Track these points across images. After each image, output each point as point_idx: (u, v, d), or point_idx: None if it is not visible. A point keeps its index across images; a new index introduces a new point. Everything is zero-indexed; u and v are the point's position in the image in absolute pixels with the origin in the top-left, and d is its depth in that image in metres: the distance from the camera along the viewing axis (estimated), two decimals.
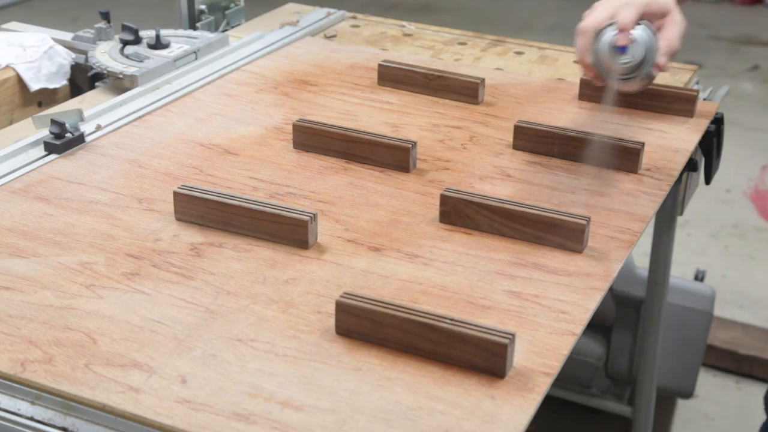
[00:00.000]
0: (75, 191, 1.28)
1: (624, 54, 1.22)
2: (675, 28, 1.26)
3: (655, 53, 1.24)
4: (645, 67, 1.24)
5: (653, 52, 1.24)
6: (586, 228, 1.16)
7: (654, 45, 1.24)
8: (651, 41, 1.24)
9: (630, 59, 1.23)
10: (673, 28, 1.26)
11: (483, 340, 0.95)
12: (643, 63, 1.24)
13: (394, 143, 1.35)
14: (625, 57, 1.22)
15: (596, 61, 1.25)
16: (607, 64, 1.24)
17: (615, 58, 1.23)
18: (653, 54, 1.24)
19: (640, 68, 1.24)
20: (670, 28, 1.25)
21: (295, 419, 0.89)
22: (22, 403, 0.93)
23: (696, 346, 2.15)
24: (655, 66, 1.25)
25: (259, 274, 1.11)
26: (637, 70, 1.25)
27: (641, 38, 1.23)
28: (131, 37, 1.71)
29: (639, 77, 1.26)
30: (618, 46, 1.22)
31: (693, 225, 3.18)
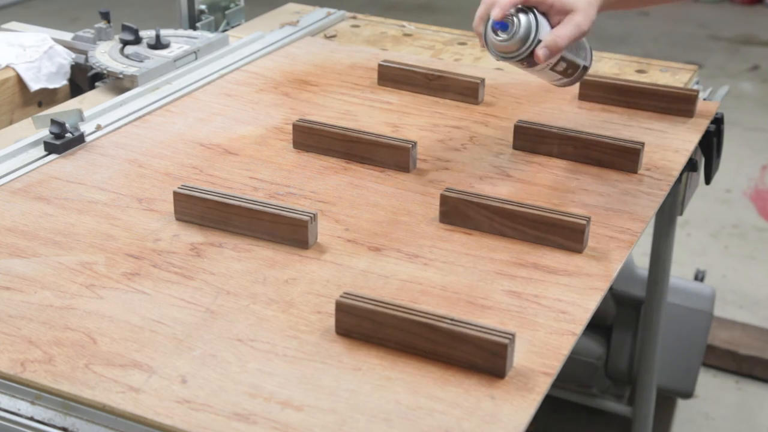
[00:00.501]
0: (75, 191, 1.28)
1: (501, 32, 1.22)
2: (569, 28, 1.23)
3: (534, 42, 1.22)
4: (521, 51, 1.22)
5: (532, 38, 1.21)
6: (586, 228, 1.16)
7: (534, 32, 1.22)
8: (530, 27, 1.22)
9: (504, 39, 1.22)
10: (567, 26, 1.23)
11: (483, 340, 0.95)
12: (520, 46, 1.22)
13: (394, 143, 1.35)
14: (502, 35, 1.22)
15: (484, 33, 1.25)
16: (489, 37, 1.24)
17: (493, 34, 1.23)
18: (531, 41, 1.22)
19: (516, 51, 1.22)
20: (565, 26, 1.23)
21: (295, 419, 0.89)
22: (22, 403, 0.93)
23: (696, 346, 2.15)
24: (534, 55, 1.22)
25: (259, 274, 1.11)
26: (514, 52, 1.23)
27: (524, 23, 1.22)
28: (131, 37, 1.71)
29: (514, 59, 1.24)
30: (495, 21, 1.21)
31: (693, 225, 3.18)
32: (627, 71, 1.75)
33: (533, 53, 1.22)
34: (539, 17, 1.22)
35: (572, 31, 1.23)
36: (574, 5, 1.23)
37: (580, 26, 1.23)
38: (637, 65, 1.77)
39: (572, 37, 1.23)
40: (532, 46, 1.22)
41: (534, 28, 1.22)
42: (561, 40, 1.22)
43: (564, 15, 1.23)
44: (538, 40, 1.22)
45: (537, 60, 1.22)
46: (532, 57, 1.22)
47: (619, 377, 2.17)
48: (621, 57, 1.82)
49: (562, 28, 1.22)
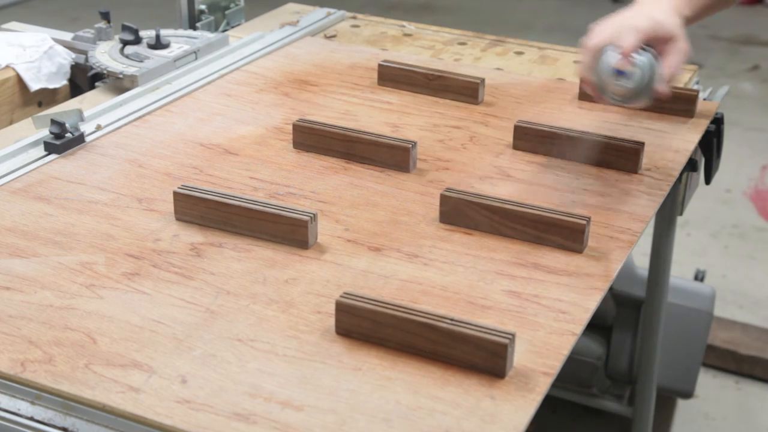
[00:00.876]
0: (75, 191, 1.28)
1: (624, 77, 1.21)
2: (678, 56, 1.24)
3: (655, 79, 1.23)
4: (645, 92, 1.24)
5: (654, 78, 1.23)
6: (586, 228, 1.16)
7: (655, 71, 1.23)
8: (652, 68, 1.22)
9: (629, 83, 1.22)
10: (676, 55, 1.24)
11: (483, 340, 0.95)
12: (644, 88, 1.23)
13: (394, 143, 1.35)
14: (625, 81, 1.22)
15: (597, 80, 1.25)
16: (607, 85, 1.23)
17: (615, 81, 1.22)
18: (654, 80, 1.23)
19: (639, 93, 1.23)
20: (674, 55, 1.24)
21: (295, 419, 0.89)
22: (22, 403, 0.93)
23: (696, 346, 2.15)
24: (655, 92, 1.24)
25: (259, 274, 1.11)
26: (637, 95, 1.24)
27: (642, 64, 1.22)
28: (131, 37, 1.71)
29: (638, 101, 1.25)
30: (617, 69, 1.21)
31: (693, 225, 3.18)
32: None
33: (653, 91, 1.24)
34: (652, 53, 1.23)
35: (681, 58, 1.25)
36: (674, 31, 1.24)
37: (684, 50, 1.25)
38: None
39: (682, 64, 1.25)
40: (654, 84, 1.23)
41: (654, 67, 1.22)
42: (675, 70, 1.24)
43: (666, 43, 1.24)
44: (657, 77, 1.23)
45: (663, 96, 1.24)
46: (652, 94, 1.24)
47: (619, 377, 2.17)
48: None
49: (674, 58, 1.24)
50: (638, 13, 1.26)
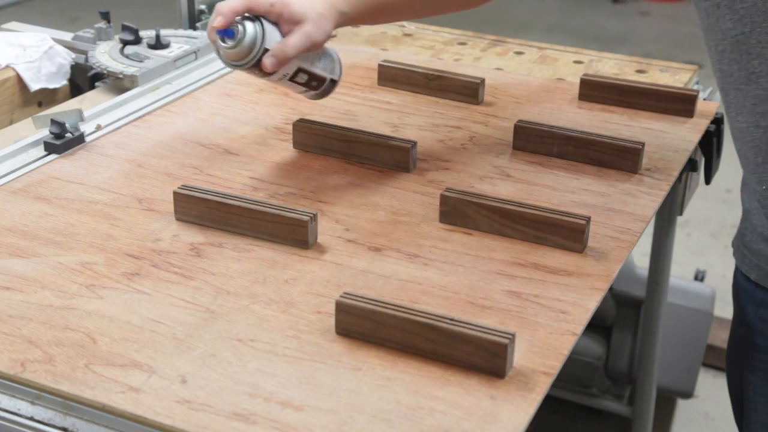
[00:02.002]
0: (75, 191, 1.28)
1: (226, 38, 1.21)
2: (298, 37, 1.22)
3: (261, 51, 1.21)
4: (249, 59, 1.22)
5: (259, 48, 1.21)
6: (586, 228, 1.16)
7: (262, 41, 1.21)
8: (258, 37, 1.21)
9: (229, 46, 1.21)
10: (296, 36, 1.22)
11: (483, 340, 0.95)
12: (245, 54, 1.21)
13: (394, 143, 1.35)
14: (229, 42, 1.21)
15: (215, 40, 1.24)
16: (218, 45, 1.23)
17: (220, 41, 1.22)
18: (259, 51, 1.21)
19: (242, 58, 1.22)
20: (294, 35, 1.22)
21: (295, 419, 0.89)
22: (22, 403, 0.93)
23: (696, 346, 2.15)
24: (261, 66, 1.22)
25: (259, 274, 1.11)
26: (240, 60, 1.22)
27: (250, 31, 1.21)
28: (131, 37, 1.71)
29: (243, 67, 1.23)
30: (218, 29, 1.21)
31: (693, 225, 3.18)
32: (627, 71, 1.75)
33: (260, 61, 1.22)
34: (267, 26, 1.22)
35: (301, 40, 1.22)
36: (304, 16, 1.22)
37: (310, 36, 1.22)
38: (637, 65, 1.77)
39: (301, 47, 1.22)
40: (259, 55, 1.21)
41: (260, 37, 1.21)
42: (289, 49, 1.21)
43: (294, 25, 1.22)
44: (265, 49, 1.21)
45: (264, 68, 1.22)
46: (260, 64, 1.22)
47: (619, 377, 2.17)
48: (621, 57, 1.83)
49: (291, 37, 1.22)
50: None
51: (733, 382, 1.31)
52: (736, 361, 1.30)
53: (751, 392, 1.27)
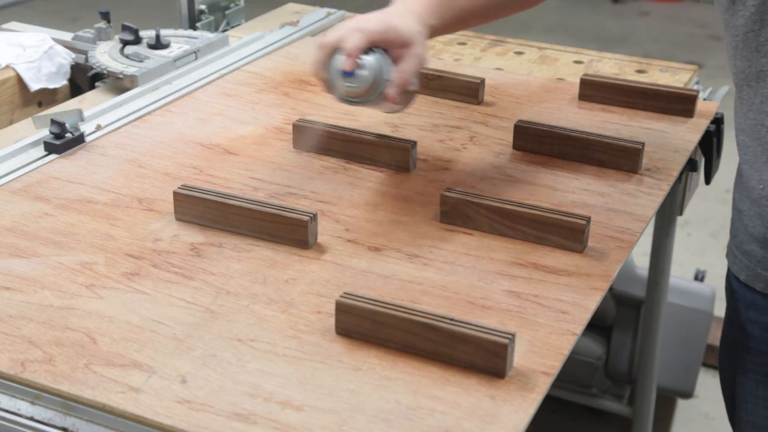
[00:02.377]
0: (75, 191, 1.28)
1: (350, 78, 1.18)
2: (412, 61, 1.20)
3: (384, 83, 1.19)
4: (372, 94, 1.20)
5: (382, 81, 1.19)
6: (586, 228, 1.16)
7: (383, 73, 1.19)
8: (381, 69, 1.19)
9: (355, 85, 1.19)
10: (410, 60, 1.20)
11: (483, 340, 0.95)
12: (370, 91, 1.20)
13: (394, 143, 1.35)
14: (351, 82, 1.19)
15: (329, 79, 1.22)
16: (337, 86, 1.21)
17: (342, 81, 1.19)
18: (382, 82, 1.19)
19: (366, 95, 1.20)
20: (408, 60, 1.20)
21: (295, 419, 0.89)
22: (22, 403, 0.93)
23: (696, 346, 2.15)
24: (384, 98, 1.20)
25: (259, 274, 1.11)
26: (364, 96, 1.20)
27: (371, 66, 1.19)
28: (131, 37, 1.71)
29: (366, 103, 1.22)
30: (344, 71, 1.18)
31: (693, 225, 3.18)
32: (627, 71, 1.75)
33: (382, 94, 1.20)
34: (383, 55, 1.20)
35: (415, 63, 1.21)
36: (412, 37, 1.21)
37: (421, 57, 1.21)
38: (637, 65, 1.77)
39: (416, 70, 1.21)
40: (382, 87, 1.20)
41: (383, 70, 1.19)
42: (408, 75, 1.20)
43: (403, 48, 1.20)
44: (386, 80, 1.19)
45: (390, 101, 1.20)
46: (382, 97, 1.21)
47: (619, 377, 2.17)
48: (621, 57, 1.83)
49: (406, 63, 1.20)
50: (374, 16, 1.22)
51: (725, 382, 1.32)
52: (728, 362, 1.30)
53: (742, 393, 1.27)
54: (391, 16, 1.22)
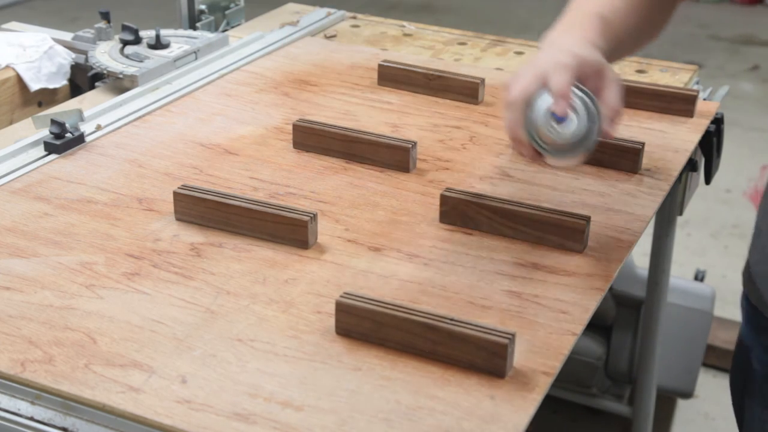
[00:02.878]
0: (75, 191, 1.28)
1: (564, 124, 1.03)
2: (614, 88, 1.07)
3: (598, 120, 1.05)
4: (590, 137, 1.05)
5: (596, 119, 1.05)
6: (586, 228, 1.16)
7: (597, 109, 1.05)
8: (592, 107, 1.05)
9: (571, 128, 1.04)
10: (612, 88, 1.07)
11: (483, 340, 0.95)
12: (588, 133, 1.05)
13: (394, 143, 1.35)
14: (567, 127, 1.03)
15: (532, 136, 1.06)
16: (546, 137, 1.05)
17: (555, 130, 1.04)
18: (597, 121, 1.05)
19: (585, 139, 1.05)
20: (610, 88, 1.07)
21: (295, 419, 0.89)
22: (22, 403, 0.93)
23: (696, 346, 2.15)
24: (602, 135, 1.07)
25: (259, 274, 1.11)
26: (581, 142, 1.05)
27: (582, 102, 1.05)
28: (131, 37, 1.71)
29: (583, 149, 1.06)
30: (557, 116, 1.03)
31: (693, 225, 3.18)
32: (627, 71, 1.75)
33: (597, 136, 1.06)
34: (584, 92, 1.06)
35: (617, 88, 1.08)
36: (601, 63, 1.09)
37: (618, 81, 1.09)
38: (637, 65, 1.77)
39: (621, 95, 1.09)
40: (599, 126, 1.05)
41: (594, 106, 1.05)
42: (617, 105, 1.08)
43: (596, 77, 1.08)
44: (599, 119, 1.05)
45: (609, 136, 1.07)
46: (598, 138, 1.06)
47: (619, 377, 2.17)
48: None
49: (610, 92, 1.07)
50: (556, 51, 1.08)
51: (735, 402, 1.28)
52: (736, 383, 1.27)
53: (749, 416, 1.24)
54: (571, 46, 1.09)
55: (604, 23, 1.14)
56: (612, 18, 1.15)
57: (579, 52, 1.07)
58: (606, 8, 1.16)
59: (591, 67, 1.07)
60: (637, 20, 1.19)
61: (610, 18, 1.15)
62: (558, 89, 1.03)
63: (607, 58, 1.12)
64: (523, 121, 1.06)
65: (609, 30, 1.14)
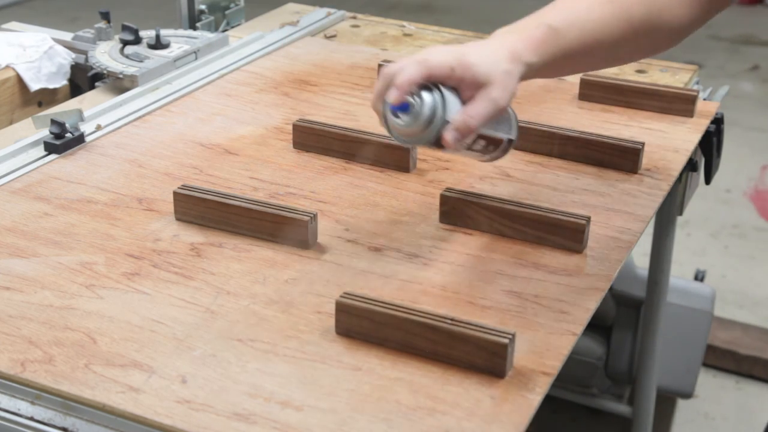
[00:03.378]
0: (75, 191, 1.28)
1: (400, 114, 1.03)
2: (483, 105, 1.03)
3: (440, 123, 1.03)
4: (426, 136, 1.04)
5: (438, 121, 1.03)
6: (586, 228, 1.16)
7: (441, 114, 1.03)
8: (438, 109, 1.03)
9: (403, 122, 1.04)
10: (480, 104, 1.03)
11: (483, 340, 0.95)
12: (423, 131, 1.04)
13: (394, 143, 1.35)
14: (400, 118, 1.04)
15: (383, 113, 1.07)
16: (387, 119, 1.06)
17: (391, 116, 1.04)
18: (438, 123, 1.03)
19: (419, 135, 1.04)
20: (477, 103, 1.03)
21: (295, 419, 0.89)
22: (22, 403, 0.93)
23: (696, 346, 2.15)
24: (441, 139, 1.04)
25: (259, 274, 1.11)
26: (415, 136, 1.05)
27: (426, 102, 1.03)
28: (131, 37, 1.71)
29: (419, 143, 1.06)
30: (392, 105, 1.03)
31: (693, 225, 3.18)
32: (627, 71, 1.74)
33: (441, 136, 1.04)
34: (447, 94, 1.04)
35: (487, 108, 1.04)
36: (489, 77, 1.04)
37: (496, 102, 1.04)
38: (637, 65, 1.77)
39: (486, 116, 1.04)
40: (438, 128, 1.03)
41: (440, 109, 1.03)
42: (473, 120, 1.03)
43: (477, 89, 1.04)
44: (445, 121, 1.03)
45: (446, 144, 1.04)
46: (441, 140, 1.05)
47: (619, 377, 2.17)
48: None
49: (475, 105, 1.04)
50: (449, 49, 1.06)
51: None
52: None
53: None
54: (470, 52, 1.06)
55: (550, 35, 1.10)
56: (566, 32, 1.10)
57: (470, 59, 1.04)
58: (564, 18, 1.12)
59: (471, 76, 1.04)
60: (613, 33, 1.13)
61: (563, 31, 1.10)
62: (398, 81, 1.03)
63: (547, 69, 1.12)
64: (382, 96, 1.06)
65: (554, 43, 1.10)
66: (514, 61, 1.07)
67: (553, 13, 1.13)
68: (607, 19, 1.13)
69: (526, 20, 1.13)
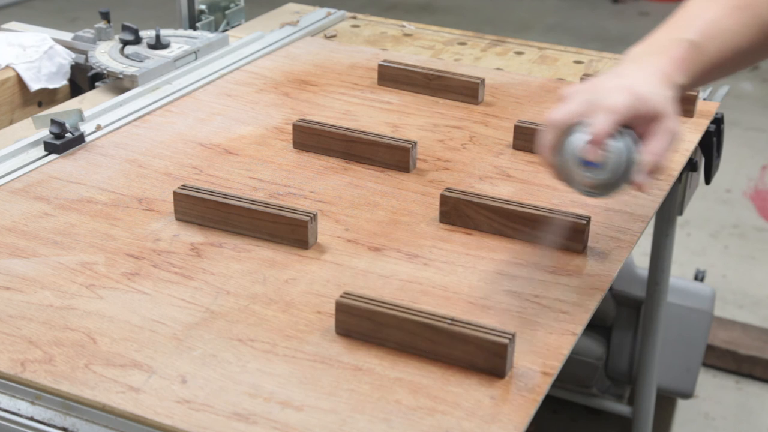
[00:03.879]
0: (75, 191, 1.28)
1: (593, 168, 0.99)
2: (663, 140, 1.00)
3: (632, 168, 1.00)
4: (618, 184, 1.01)
5: (631, 167, 0.99)
6: (586, 228, 1.16)
7: (633, 160, 0.99)
8: (629, 156, 0.99)
9: (599, 175, 1.00)
10: (661, 138, 1.00)
11: (483, 340, 0.95)
12: (617, 180, 1.00)
13: (394, 143, 1.35)
14: (594, 172, 0.99)
15: (561, 165, 1.01)
16: (572, 173, 1.01)
17: (582, 171, 1.00)
18: (630, 170, 1.00)
19: (611, 186, 1.01)
20: (659, 138, 1.00)
21: (295, 419, 0.89)
22: (22, 403, 0.93)
23: (696, 346, 2.15)
24: (631, 184, 1.01)
25: (259, 274, 1.11)
26: (608, 188, 1.01)
27: (617, 151, 0.99)
28: (131, 37, 1.71)
29: (610, 193, 1.02)
30: (586, 160, 0.99)
31: (693, 225, 3.18)
32: None
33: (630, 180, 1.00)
34: (631, 136, 1.00)
35: (668, 141, 1.01)
36: (664, 109, 1.00)
37: (674, 134, 1.01)
38: None
39: (668, 149, 1.01)
40: (631, 174, 1.00)
41: (632, 154, 0.99)
42: (661, 159, 1.00)
43: (651, 122, 1.01)
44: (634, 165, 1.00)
45: (640, 189, 1.00)
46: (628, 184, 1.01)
47: (619, 377, 2.17)
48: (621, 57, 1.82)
49: (659, 142, 1.00)
50: (618, 84, 1.02)
51: None
52: None
53: None
54: (637, 83, 1.01)
55: (693, 52, 1.06)
56: (706, 46, 1.06)
57: (642, 91, 1.00)
58: (702, 31, 1.07)
59: (649, 110, 1.00)
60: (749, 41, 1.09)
61: (703, 45, 1.06)
62: (595, 136, 0.98)
63: (692, 86, 1.08)
64: (557, 147, 1.01)
65: (698, 59, 1.06)
66: (668, 85, 1.03)
67: (688, 27, 1.08)
68: (741, 27, 1.09)
69: (661, 36, 1.08)
